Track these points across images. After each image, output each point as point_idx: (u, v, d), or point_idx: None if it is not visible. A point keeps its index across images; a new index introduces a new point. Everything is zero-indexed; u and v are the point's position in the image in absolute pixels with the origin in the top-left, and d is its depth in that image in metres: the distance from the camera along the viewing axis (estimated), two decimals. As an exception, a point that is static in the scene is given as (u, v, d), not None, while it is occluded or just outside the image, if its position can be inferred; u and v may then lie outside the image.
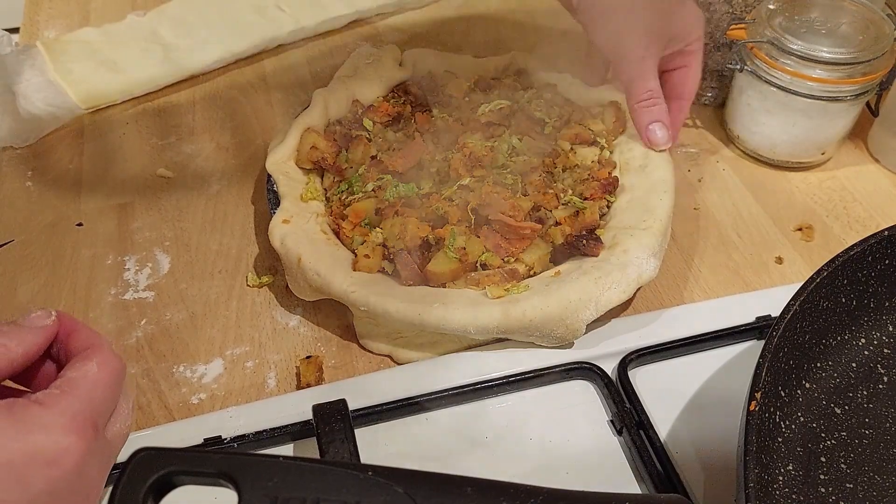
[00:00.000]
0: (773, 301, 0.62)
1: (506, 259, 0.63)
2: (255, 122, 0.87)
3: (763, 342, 0.48)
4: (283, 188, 0.68)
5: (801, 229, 0.74)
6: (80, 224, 0.75)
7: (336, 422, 0.53)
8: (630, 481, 0.55)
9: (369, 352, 0.64)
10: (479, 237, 0.63)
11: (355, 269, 0.62)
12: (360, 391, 0.58)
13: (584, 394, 0.60)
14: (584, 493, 0.41)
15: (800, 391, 0.53)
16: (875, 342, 0.56)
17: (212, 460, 0.37)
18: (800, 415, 0.52)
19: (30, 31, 1.01)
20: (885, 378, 0.55)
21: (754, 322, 0.63)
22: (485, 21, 1.00)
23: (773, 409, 0.50)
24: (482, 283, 0.61)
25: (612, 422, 0.58)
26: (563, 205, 0.67)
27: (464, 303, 0.59)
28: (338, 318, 0.66)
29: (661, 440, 0.56)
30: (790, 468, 0.50)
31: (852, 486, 0.50)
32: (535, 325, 0.58)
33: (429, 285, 0.62)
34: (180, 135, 0.85)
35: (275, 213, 0.66)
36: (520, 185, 0.67)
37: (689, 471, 0.54)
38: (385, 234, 0.64)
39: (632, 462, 0.56)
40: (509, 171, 0.68)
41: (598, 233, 0.64)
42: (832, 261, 0.52)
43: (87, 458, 0.35)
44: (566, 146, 0.72)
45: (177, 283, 0.69)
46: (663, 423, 0.57)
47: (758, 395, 0.46)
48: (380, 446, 0.57)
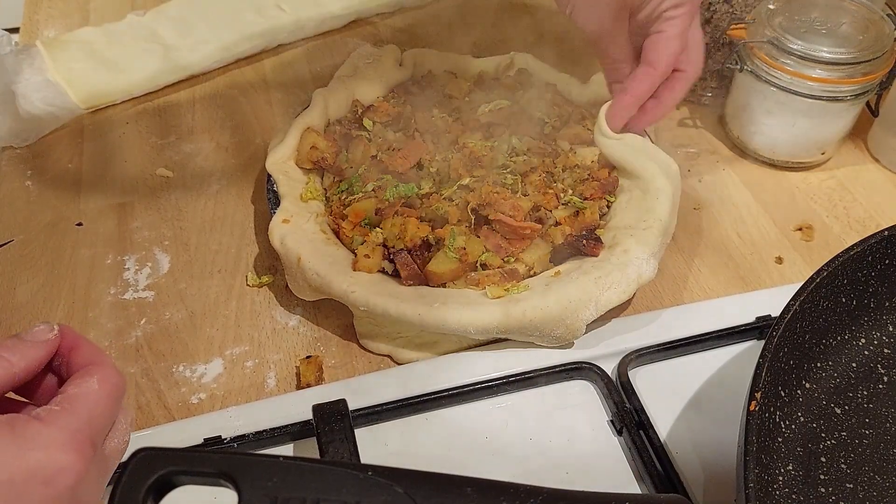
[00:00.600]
0: (773, 301, 0.62)
1: (506, 259, 0.63)
2: (254, 121, 0.87)
3: (763, 342, 0.48)
4: (283, 188, 0.68)
5: (801, 229, 0.74)
6: (80, 224, 0.75)
7: (336, 422, 0.53)
8: (630, 481, 0.55)
9: (369, 352, 0.64)
10: (479, 237, 0.63)
11: (355, 269, 0.62)
12: (360, 391, 0.58)
13: (584, 394, 0.60)
14: (584, 493, 0.41)
15: (800, 391, 0.53)
16: (875, 342, 0.56)
17: (212, 460, 0.37)
18: (800, 415, 0.52)
19: (29, 30, 1.01)
20: (885, 378, 0.55)
21: (754, 322, 0.63)
22: (485, 21, 1.00)
23: (773, 409, 0.50)
24: (482, 283, 0.61)
25: (612, 422, 0.58)
26: (563, 205, 0.67)
27: (464, 303, 0.59)
28: (338, 318, 0.66)
29: (661, 440, 0.56)
30: (790, 468, 0.50)
31: (852, 486, 0.50)
32: (534, 325, 0.58)
33: (429, 285, 0.62)
34: (180, 134, 0.85)
35: (275, 212, 0.66)
36: (520, 185, 0.67)
37: (689, 471, 0.54)
38: (385, 234, 0.64)
39: (632, 462, 0.56)
40: (509, 171, 0.69)
41: (597, 233, 0.64)
42: (832, 261, 0.52)
43: (84, 475, 0.36)
44: (566, 146, 0.72)
45: (176, 283, 0.69)
46: (663, 423, 0.57)
47: (758, 395, 0.46)
48: (380, 446, 0.57)
